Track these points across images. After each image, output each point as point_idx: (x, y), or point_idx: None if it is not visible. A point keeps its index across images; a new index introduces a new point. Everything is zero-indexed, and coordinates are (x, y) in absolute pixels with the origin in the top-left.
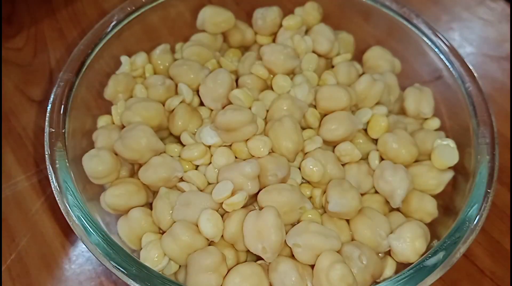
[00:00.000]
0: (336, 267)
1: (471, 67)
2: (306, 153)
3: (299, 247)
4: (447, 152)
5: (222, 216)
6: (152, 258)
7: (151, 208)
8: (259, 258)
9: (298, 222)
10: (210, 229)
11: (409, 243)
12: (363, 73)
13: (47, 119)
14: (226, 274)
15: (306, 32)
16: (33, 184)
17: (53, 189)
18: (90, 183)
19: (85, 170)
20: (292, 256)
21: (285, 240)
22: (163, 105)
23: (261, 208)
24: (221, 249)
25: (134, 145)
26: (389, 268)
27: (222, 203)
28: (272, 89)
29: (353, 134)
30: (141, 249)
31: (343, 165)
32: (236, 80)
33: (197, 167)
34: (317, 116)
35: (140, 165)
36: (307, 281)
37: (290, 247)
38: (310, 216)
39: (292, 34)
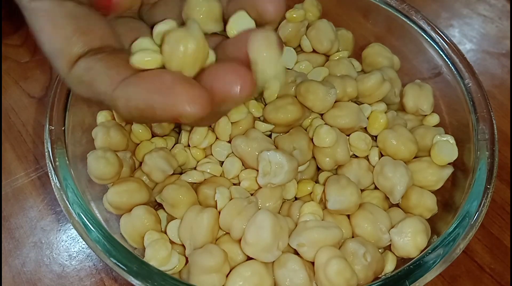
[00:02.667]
0: (333, 262)
1: (471, 64)
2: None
3: (303, 246)
4: (446, 148)
5: (216, 207)
6: (160, 258)
7: (153, 206)
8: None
9: (296, 225)
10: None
11: (411, 238)
12: (362, 70)
13: (46, 116)
14: (229, 273)
15: (307, 27)
16: (33, 180)
17: (53, 186)
18: (90, 181)
19: (90, 171)
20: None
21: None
22: None
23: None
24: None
25: None
26: (390, 263)
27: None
28: None
29: (355, 129)
30: (143, 247)
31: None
32: None
33: (206, 156)
34: None
35: (141, 163)
36: (312, 280)
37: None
38: (311, 209)
39: (294, 27)
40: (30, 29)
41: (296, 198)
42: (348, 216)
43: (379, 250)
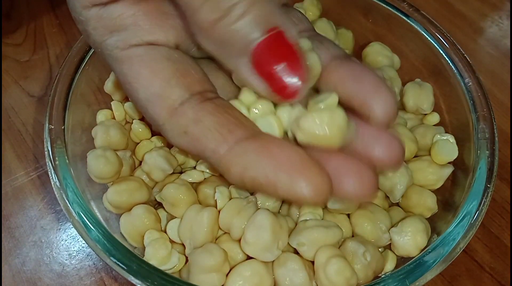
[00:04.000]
0: (332, 262)
1: (471, 63)
2: None
3: (303, 245)
4: (446, 147)
5: (216, 207)
6: (160, 257)
7: (153, 205)
8: None
9: (296, 224)
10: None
11: (411, 237)
12: None
13: (46, 115)
14: (229, 272)
15: None
16: (33, 179)
17: (53, 185)
18: (90, 180)
19: (90, 170)
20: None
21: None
22: None
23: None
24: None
25: None
26: (390, 263)
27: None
28: None
29: None
30: (143, 246)
31: None
32: None
33: None
34: None
35: (140, 162)
36: (312, 280)
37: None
38: (311, 208)
39: None
40: (120, 80)
41: None
42: (348, 215)
43: (379, 249)
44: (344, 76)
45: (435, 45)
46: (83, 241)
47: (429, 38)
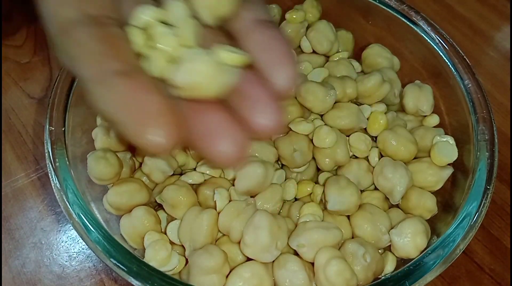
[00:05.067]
0: (332, 263)
1: (470, 64)
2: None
3: (303, 246)
4: (446, 148)
5: (215, 208)
6: (160, 258)
7: (153, 207)
8: None
9: (296, 225)
10: None
11: (410, 238)
12: (361, 71)
13: (46, 117)
14: (229, 274)
15: (307, 28)
16: (33, 181)
17: (53, 187)
18: (90, 182)
19: (90, 172)
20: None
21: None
22: None
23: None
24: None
25: None
26: (390, 264)
27: None
28: None
29: (354, 130)
30: (143, 247)
31: None
32: None
33: None
34: None
35: (141, 163)
36: (312, 281)
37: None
38: (311, 210)
39: (293, 28)
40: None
41: (296, 199)
42: (348, 216)
43: (379, 251)
44: (255, 44)
45: (435, 47)
46: (83, 243)
47: (428, 40)
